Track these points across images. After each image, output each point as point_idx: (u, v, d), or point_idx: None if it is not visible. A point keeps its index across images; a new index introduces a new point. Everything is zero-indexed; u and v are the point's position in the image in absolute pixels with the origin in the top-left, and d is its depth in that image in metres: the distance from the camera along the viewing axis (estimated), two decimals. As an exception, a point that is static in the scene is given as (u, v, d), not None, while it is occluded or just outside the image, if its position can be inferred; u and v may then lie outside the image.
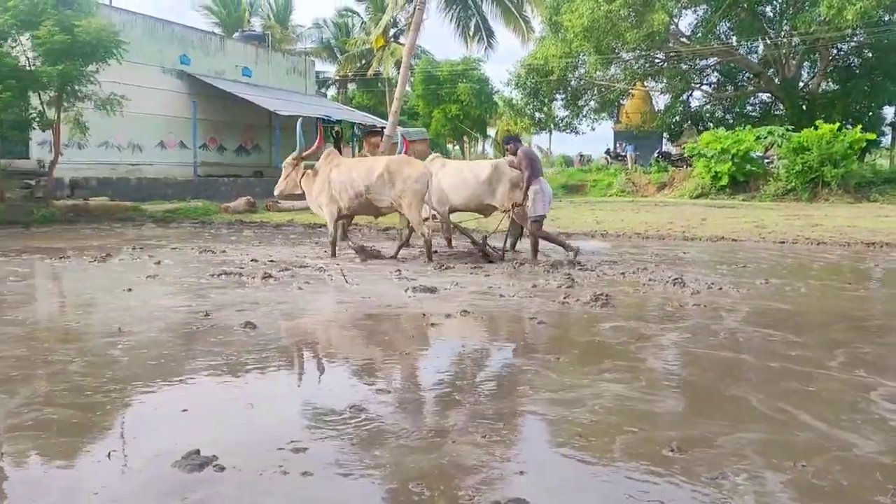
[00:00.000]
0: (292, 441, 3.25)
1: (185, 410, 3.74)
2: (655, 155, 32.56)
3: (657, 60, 32.57)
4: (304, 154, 10.18)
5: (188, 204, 18.05)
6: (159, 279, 7.88)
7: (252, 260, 9.44)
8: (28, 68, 15.18)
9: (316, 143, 10.52)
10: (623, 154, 34.25)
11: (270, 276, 7.95)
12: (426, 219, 10.01)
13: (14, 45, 15.33)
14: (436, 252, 9.85)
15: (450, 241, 10.93)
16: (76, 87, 15.45)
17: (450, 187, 10.17)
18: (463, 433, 3.40)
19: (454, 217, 10.63)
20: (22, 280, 7.87)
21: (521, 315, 6.22)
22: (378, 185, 9.44)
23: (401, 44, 39.20)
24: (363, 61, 44.37)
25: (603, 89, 33.45)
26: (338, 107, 34.37)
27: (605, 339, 5.31)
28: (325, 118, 27.24)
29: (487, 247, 9.75)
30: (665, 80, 32.84)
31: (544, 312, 6.21)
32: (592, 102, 34.91)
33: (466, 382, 4.37)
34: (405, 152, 11.00)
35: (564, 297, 6.79)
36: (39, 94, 15.56)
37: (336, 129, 27.87)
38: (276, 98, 25.46)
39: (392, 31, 38.92)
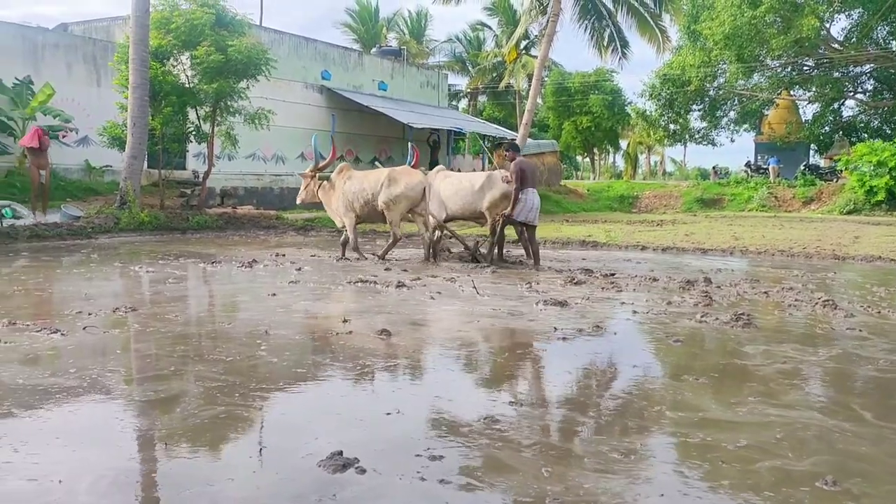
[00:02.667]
0: (429, 448, 3.31)
1: (326, 412, 3.91)
2: (802, 168, 30.72)
3: (805, 68, 30.78)
4: (319, 166, 11.20)
5: (325, 213, 18.81)
6: (301, 285, 8.28)
7: (385, 269, 9.72)
8: (187, 85, 16.41)
9: (329, 157, 11.35)
10: (765, 167, 32.54)
11: (404, 284, 8.15)
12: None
13: (175, 64, 16.63)
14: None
15: (434, 248, 11.26)
16: (228, 103, 16.55)
17: (448, 196, 10.77)
18: (598, 452, 3.34)
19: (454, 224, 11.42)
20: (179, 282, 8.50)
21: (655, 333, 6.05)
22: (380, 192, 10.43)
23: (532, 56, 39.26)
24: (494, 74, 44.75)
25: (744, 99, 32.00)
26: (469, 119, 34.82)
27: (748, 361, 5.06)
28: (457, 130, 27.68)
29: (478, 252, 10.58)
30: (814, 89, 30.95)
31: (681, 331, 6.00)
32: (732, 113, 33.50)
33: (600, 400, 4.29)
34: (415, 163, 11.62)
35: (702, 316, 6.53)
36: (196, 110, 16.78)
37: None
38: (409, 111, 26.15)
39: (524, 44, 39.01)
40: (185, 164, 20.47)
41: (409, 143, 12.60)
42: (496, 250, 10.66)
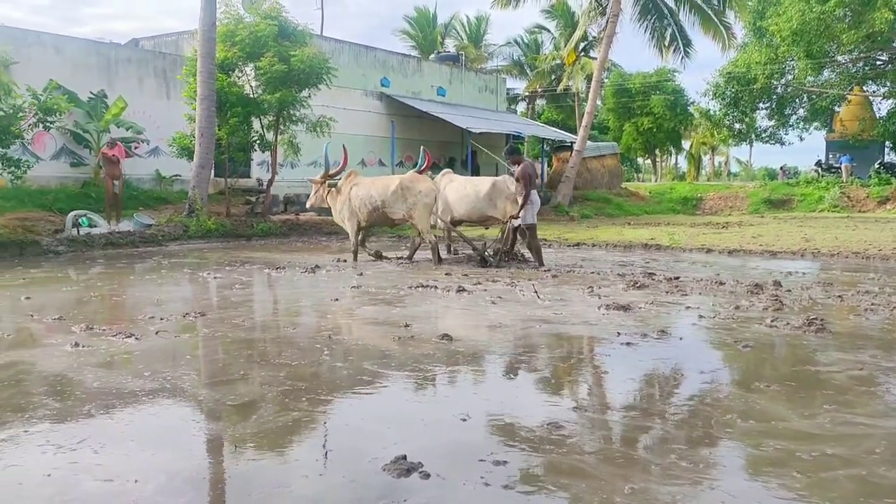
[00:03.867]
0: (492, 453, 3.30)
1: (389, 417, 3.94)
2: (876, 166, 29.50)
3: (879, 62, 29.58)
4: (330, 173, 11.58)
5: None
6: (362, 290, 8.37)
7: (446, 273, 9.75)
8: (252, 96, 16.81)
9: (341, 164, 11.67)
10: (837, 165, 31.39)
11: (464, 289, 8.16)
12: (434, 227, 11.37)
13: (240, 75, 17.06)
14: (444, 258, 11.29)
15: (450, 248, 12.12)
16: (291, 112, 16.88)
17: (454, 201, 11.23)
18: (665, 460, 3.27)
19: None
20: (245, 288, 8.70)
21: (723, 338, 5.89)
22: (392, 200, 10.79)
23: (591, 58, 38.82)
24: (553, 77, 44.44)
25: (814, 96, 30.92)
26: (527, 122, 34.67)
27: (821, 368, 4.88)
28: (516, 134, 27.60)
29: (486, 252, 10.82)
30: (888, 84, 29.69)
31: (750, 336, 5.83)
32: (801, 111, 32.41)
33: (665, 406, 4.21)
34: (426, 168, 12.12)
35: (772, 321, 6.33)
36: (260, 119, 17.17)
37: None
38: (468, 116, 26.20)
39: (582, 46, 38.63)
40: (249, 173, 20.95)
41: (422, 147, 12.90)
42: (507, 251, 10.92)
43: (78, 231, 13.56)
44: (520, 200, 10.28)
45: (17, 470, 3.18)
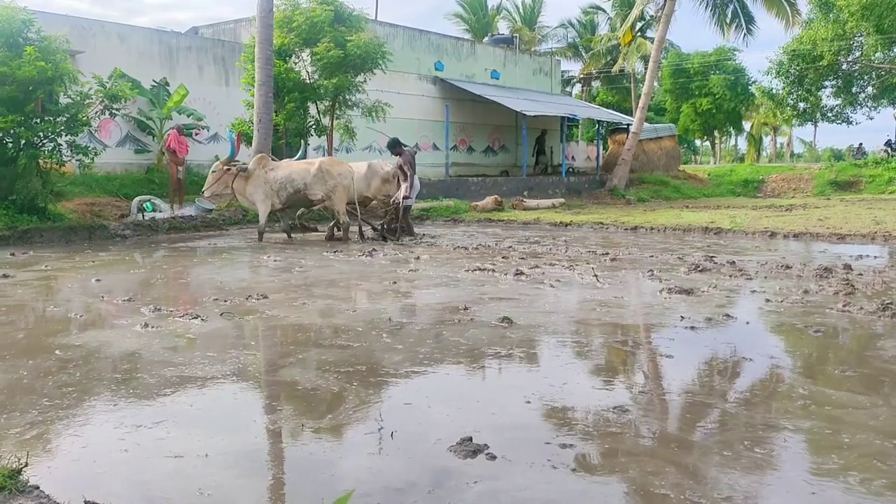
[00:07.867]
0: (557, 436, 3.28)
1: (452, 399, 3.94)
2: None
3: (955, 36, 28.16)
4: (234, 159, 12.13)
5: (440, 202, 19.01)
6: (420, 273, 8.40)
7: (503, 257, 9.71)
8: (308, 81, 16.96)
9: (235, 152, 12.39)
10: (908, 145, 30.13)
11: (522, 272, 8.11)
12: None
13: (297, 61, 17.23)
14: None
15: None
16: (347, 97, 16.98)
17: None
18: (733, 447, 3.19)
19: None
20: (304, 271, 8.82)
21: (792, 322, 5.72)
22: (313, 182, 11.55)
23: (648, 38, 38.01)
24: (608, 58, 43.66)
25: (883, 73, 29.65)
26: (582, 105, 34.17)
27: (899, 355, 4.70)
28: (571, 117, 27.26)
29: (385, 230, 12.08)
30: (965, 59, 28.31)
31: (820, 321, 5.65)
32: (870, 88, 31.12)
33: (734, 393, 4.11)
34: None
35: (844, 306, 6.12)
36: (317, 105, 17.32)
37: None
38: (522, 98, 25.94)
39: (638, 25, 37.81)
40: (306, 158, 21.18)
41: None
42: (404, 228, 12.11)
43: (143, 216, 13.94)
44: (402, 183, 11.78)
45: (91, 445, 3.28)
